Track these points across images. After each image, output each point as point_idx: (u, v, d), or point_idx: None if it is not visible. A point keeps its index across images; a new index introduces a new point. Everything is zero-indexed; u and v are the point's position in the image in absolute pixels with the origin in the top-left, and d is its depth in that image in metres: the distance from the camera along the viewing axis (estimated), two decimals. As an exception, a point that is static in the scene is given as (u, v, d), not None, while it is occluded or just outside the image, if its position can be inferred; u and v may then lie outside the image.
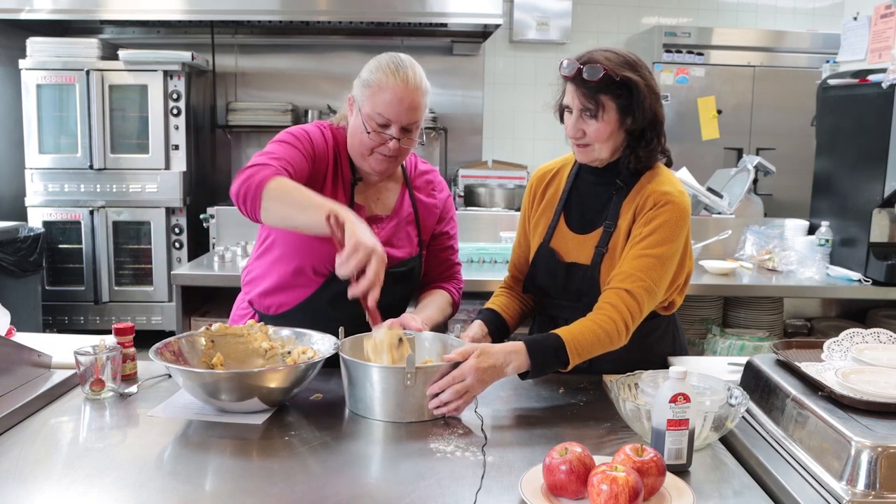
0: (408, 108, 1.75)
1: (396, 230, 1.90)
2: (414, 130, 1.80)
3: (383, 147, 1.77)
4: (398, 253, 1.87)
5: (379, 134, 1.76)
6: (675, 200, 1.72)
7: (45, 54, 4.57)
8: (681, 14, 5.63)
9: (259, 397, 1.53)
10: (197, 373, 1.53)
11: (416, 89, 1.75)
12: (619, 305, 1.66)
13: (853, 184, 3.36)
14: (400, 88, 1.73)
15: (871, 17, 3.44)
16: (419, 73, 1.78)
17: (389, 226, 1.89)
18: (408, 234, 1.92)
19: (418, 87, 1.76)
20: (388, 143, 1.76)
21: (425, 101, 1.79)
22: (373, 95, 1.75)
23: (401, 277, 1.87)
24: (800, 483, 1.25)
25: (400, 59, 1.79)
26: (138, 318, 4.62)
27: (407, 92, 1.74)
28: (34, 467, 1.31)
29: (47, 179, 4.60)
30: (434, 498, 1.23)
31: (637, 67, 1.69)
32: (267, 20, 4.92)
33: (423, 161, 2.05)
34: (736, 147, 5.20)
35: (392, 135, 1.76)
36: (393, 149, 1.77)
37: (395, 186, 1.94)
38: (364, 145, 1.79)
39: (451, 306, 1.99)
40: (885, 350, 1.52)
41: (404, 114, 1.75)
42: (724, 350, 3.18)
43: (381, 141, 1.77)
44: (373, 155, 1.79)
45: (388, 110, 1.74)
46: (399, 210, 1.92)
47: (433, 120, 5.33)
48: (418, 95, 1.76)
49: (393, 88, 1.73)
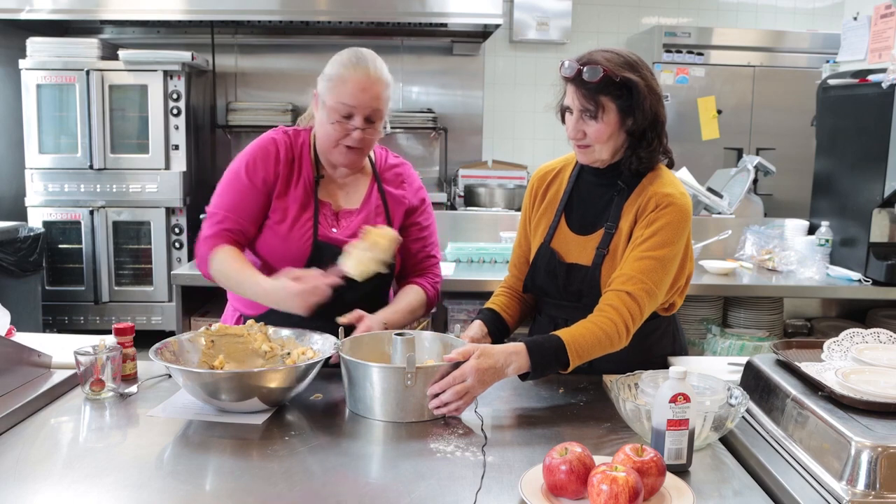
0: (369, 98, 1.80)
1: (365, 223, 1.91)
2: (377, 121, 1.85)
3: (347, 138, 1.82)
4: None
5: (342, 124, 1.81)
6: (677, 202, 1.72)
7: (45, 54, 4.56)
8: (681, 14, 5.63)
9: (259, 397, 1.53)
10: (196, 373, 1.54)
11: (377, 80, 1.81)
12: (620, 307, 1.65)
13: (853, 184, 3.35)
14: (361, 79, 1.79)
15: (871, 17, 3.44)
16: (380, 66, 1.84)
17: (357, 219, 1.92)
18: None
19: (379, 77, 1.82)
20: (352, 134, 1.81)
21: (387, 93, 1.85)
22: (335, 87, 1.81)
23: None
24: (800, 483, 1.25)
25: (361, 52, 1.85)
26: (138, 318, 4.61)
27: (368, 82, 1.80)
28: (34, 467, 1.32)
29: (47, 179, 4.59)
30: (434, 498, 1.23)
31: (637, 68, 1.69)
32: (267, 20, 4.91)
33: (395, 156, 2.07)
34: (736, 147, 5.20)
35: (355, 125, 1.81)
36: (356, 139, 1.82)
37: (364, 181, 1.98)
38: (329, 137, 1.84)
39: (424, 305, 1.98)
40: (885, 350, 1.52)
41: (366, 102, 1.80)
42: (724, 350, 3.18)
43: (344, 132, 1.82)
44: (338, 147, 1.84)
45: (350, 99, 1.79)
46: (367, 203, 1.95)
47: (433, 120, 5.34)
48: (379, 85, 1.82)
49: (354, 79, 1.79)
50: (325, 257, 1.84)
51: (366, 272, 1.76)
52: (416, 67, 5.51)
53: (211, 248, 1.85)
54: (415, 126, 5.37)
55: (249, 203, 1.88)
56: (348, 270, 1.75)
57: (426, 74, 5.53)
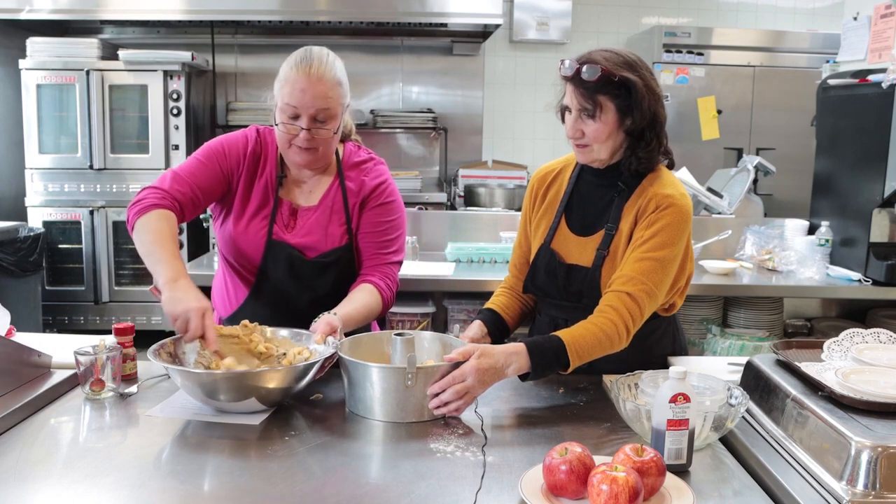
0: (311, 98, 1.76)
1: (319, 221, 1.91)
2: (328, 121, 1.80)
3: (297, 139, 1.81)
4: (318, 244, 1.89)
5: (288, 126, 1.80)
6: (677, 203, 1.72)
7: (45, 54, 4.57)
8: (681, 14, 5.63)
9: (257, 398, 1.53)
10: (194, 373, 1.53)
11: (319, 79, 1.77)
12: (621, 308, 1.65)
13: (853, 184, 3.35)
14: (302, 79, 1.76)
15: (871, 17, 3.44)
16: (326, 64, 1.79)
17: (311, 218, 1.91)
18: (335, 224, 1.92)
19: (321, 77, 1.77)
20: (300, 134, 1.79)
21: (335, 93, 1.80)
22: (282, 89, 1.80)
23: (325, 268, 1.89)
24: (800, 483, 1.25)
25: (310, 51, 1.81)
26: (138, 318, 4.62)
27: (309, 82, 1.76)
28: (34, 467, 1.31)
29: (47, 179, 4.60)
30: (434, 498, 1.23)
31: (636, 68, 1.69)
32: (267, 20, 4.92)
33: (368, 151, 2.02)
34: (736, 147, 5.20)
35: (302, 125, 1.79)
36: (304, 139, 1.80)
37: (326, 179, 1.95)
38: (281, 139, 1.84)
39: (380, 305, 1.88)
40: (885, 350, 1.52)
41: (308, 103, 1.77)
42: (724, 350, 3.18)
43: (292, 133, 1.80)
44: (291, 148, 1.83)
45: (293, 100, 1.77)
46: (324, 200, 1.93)
47: (433, 120, 5.34)
48: (322, 85, 1.77)
49: (296, 80, 1.77)
50: (279, 256, 1.85)
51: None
52: (416, 67, 5.52)
53: (150, 205, 1.77)
54: (415, 126, 5.37)
55: (205, 179, 1.86)
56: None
57: (426, 74, 5.53)
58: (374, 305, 1.85)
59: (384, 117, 5.32)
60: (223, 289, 2.01)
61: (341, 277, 1.91)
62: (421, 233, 3.65)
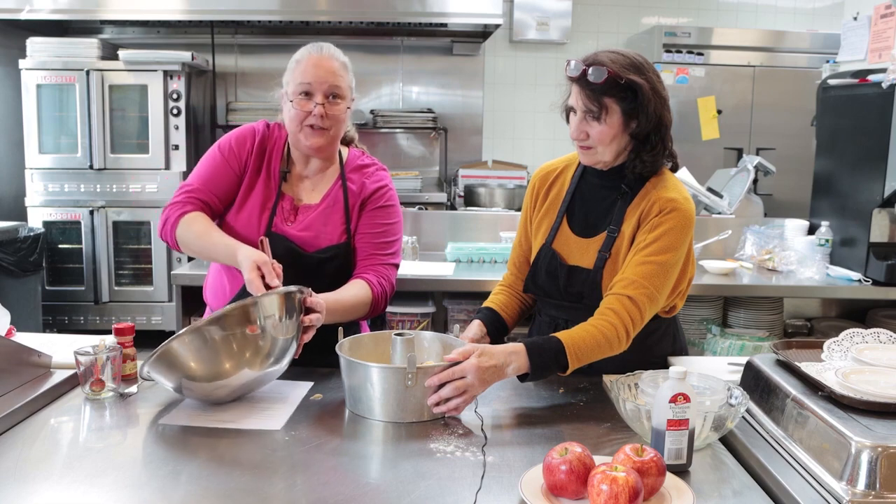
0: (324, 72, 1.86)
1: (320, 217, 1.94)
2: (339, 99, 1.89)
3: (310, 117, 1.86)
4: (317, 240, 1.92)
5: (303, 103, 1.87)
6: (680, 207, 1.71)
7: (45, 54, 4.56)
8: (681, 14, 5.63)
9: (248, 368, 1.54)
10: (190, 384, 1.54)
11: (330, 57, 1.89)
12: (621, 311, 1.65)
13: (853, 184, 3.35)
14: (315, 57, 1.88)
15: (871, 17, 3.44)
16: (335, 50, 1.92)
17: (313, 214, 1.94)
18: (335, 222, 1.94)
19: (332, 55, 1.90)
20: (314, 111, 1.85)
21: (344, 73, 1.91)
22: (293, 72, 1.90)
23: (322, 263, 1.91)
24: (800, 483, 1.25)
25: (318, 43, 1.94)
26: (138, 318, 4.61)
27: (321, 59, 1.88)
28: (34, 467, 1.32)
29: (47, 179, 4.59)
30: (434, 498, 1.23)
31: (643, 71, 1.68)
32: (267, 20, 4.92)
33: (371, 157, 2.08)
34: (736, 147, 5.19)
35: (316, 101, 1.86)
36: (318, 114, 1.85)
37: (330, 178, 1.99)
38: (294, 120, 1.89)
39: (369, 302, 1.87)
40: (885, 350, 1.52)
41: (322, 77, 1.86)
42: (724, 350, 3.18)
43: (305, 110, 1.86)
44: (303, 131, 1.88)
45: (306, 77, 1.86)
46: (327, 198, 1.96)
47: (433, 120, 5.34)
48: (333, 62, 1.89)
49: (307, 58, 1.88)
50: (278, 249, 1.85)
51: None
52: (416, 67, 5.52)
53: (180, 212, 1.89)
54: (415, 126, 5.37)
55: (222, 180, 1.94)
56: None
57: (426, 74, 5.53)
58: (362, 297, 1.86)
59: (384, 117, 5.32)
60: (217, 282, 2.02)
61: (338, 275, 1.92)
62: (421, 233, 3.65)
